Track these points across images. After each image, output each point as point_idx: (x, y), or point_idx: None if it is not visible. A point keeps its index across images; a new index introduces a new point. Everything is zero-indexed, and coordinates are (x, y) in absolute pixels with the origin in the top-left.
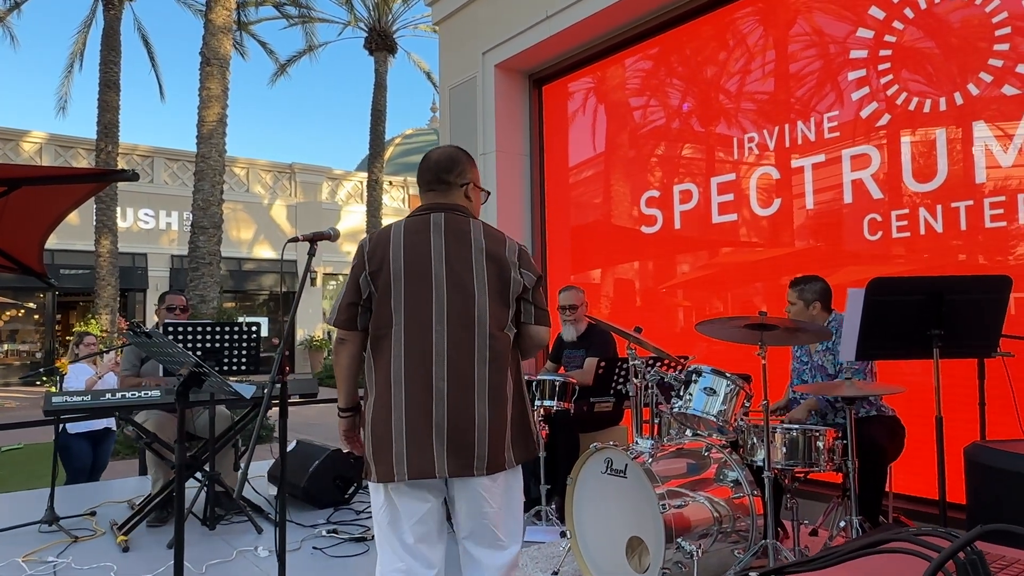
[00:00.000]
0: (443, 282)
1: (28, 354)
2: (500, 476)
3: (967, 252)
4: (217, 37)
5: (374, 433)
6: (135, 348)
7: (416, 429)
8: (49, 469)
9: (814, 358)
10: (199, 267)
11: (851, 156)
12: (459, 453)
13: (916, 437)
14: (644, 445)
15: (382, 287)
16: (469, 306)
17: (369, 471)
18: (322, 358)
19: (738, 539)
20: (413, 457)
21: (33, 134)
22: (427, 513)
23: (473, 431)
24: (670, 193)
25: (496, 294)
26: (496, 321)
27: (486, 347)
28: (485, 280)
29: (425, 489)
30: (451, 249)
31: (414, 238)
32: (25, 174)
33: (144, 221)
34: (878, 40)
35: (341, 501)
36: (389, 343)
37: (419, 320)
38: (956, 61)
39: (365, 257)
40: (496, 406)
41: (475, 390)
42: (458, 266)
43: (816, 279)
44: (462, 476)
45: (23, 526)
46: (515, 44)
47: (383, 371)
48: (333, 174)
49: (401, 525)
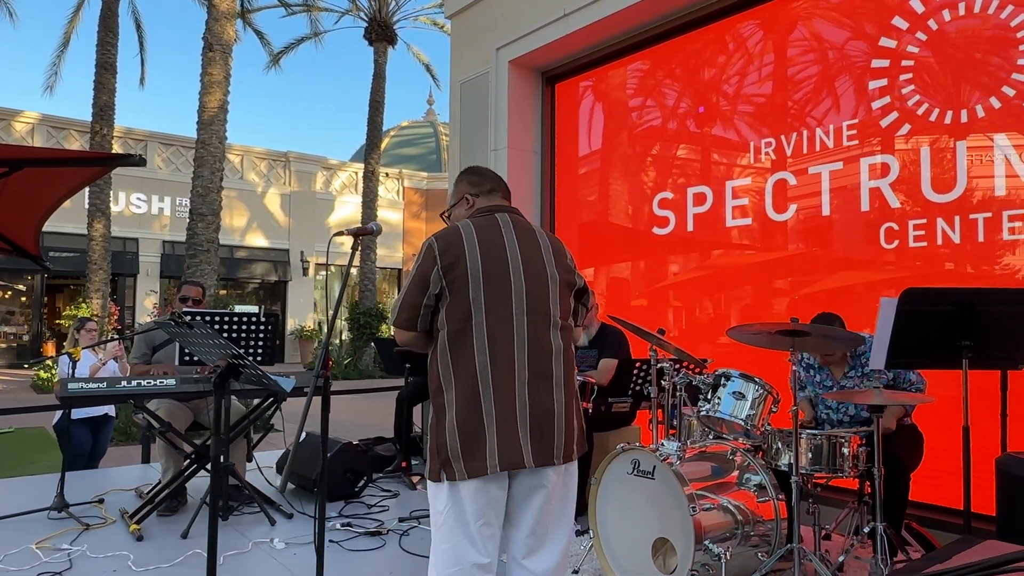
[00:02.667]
0: (520, 276)
1: (15, 336)
2: (562, 471)
3: (985, 264)
4: (220, 23)
5: (462, 429)
6: (146, 337)
7: (504, 420)
8: (41, 453)
9: (841, 382)
10: (197, 254)
11: (869, 164)
12: (543, 441)
13: (932, 447)
14: (671, 447)
15: (458, 282)
16: (544, 299)
17: (450, 469)
18: (312, 349)
19: (759, 542)
20: (503, 449)
21: (25, 114)
22: (496, 511)
23: (553, 420)
24: (684, 195)
25: (565, 288)
26: (565, 312)
27: (559, 338)
28: (556, 275)
29: (498, 484)
30: (524, 245)
31: (487, 235)
32: (28, 155)
33: (136, 206)
34: (900, 50)
35: (351, 494)
36: (470, 336)
37: (499, 313)
38: (978, 73)
39: (437, 253)
40: (569, 395)
41: (552, 380)
42: (532, 260)
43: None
44: (545, 466)
45: (32, 512)
46: (530, 41)
47: (466, 364)
48: (328, 164)
49: (467, 524)
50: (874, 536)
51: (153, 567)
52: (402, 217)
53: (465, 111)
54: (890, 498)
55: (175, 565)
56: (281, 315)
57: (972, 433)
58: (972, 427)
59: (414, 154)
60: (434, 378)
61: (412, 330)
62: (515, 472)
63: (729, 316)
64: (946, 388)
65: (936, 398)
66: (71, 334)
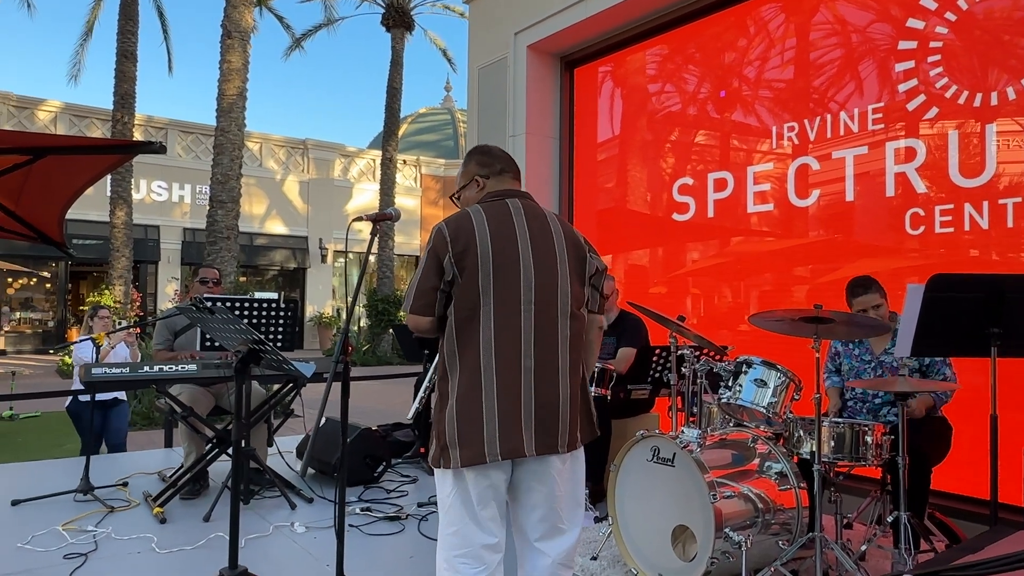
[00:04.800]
0: (530, 263)
1: (41, 323)
2: (568, 458)
3: (1013, 250)
4: (239, 9)
5: (461, 417)
6: (167, 322)
7: (506, 409)
8: (66, 437)
9: (881, 357)
10: (217, 241)
11: (895, 149)
12: (545, 431)
13: (958, 435)
14: (691, 434)
15: (468, 269)
16: (554, 285)
17: (447, 456)
18: (331, 335)
19: (780, 531)
20: (504, 437)
21: (49, 103)
22: (496, 496)
23: (557, 409)
24: (704, 181)
25: (576, 274)
26: (576, 301)
27: (568, 326)
28: (567, 260)
29: (499, 469)
30: (534, 232)
31: (497, 221)
32: (50, 143)
33: (157, 193)
34: (928, 32)
35: (370, 479)
36: (477, 325)
37: (507, 301)
38: (1007, 55)
39: (448, 239)
40: (574, 384)
41: (559, 368)
42: (542, 247)
43: (871, 281)
44: (547, 455)
45: (59, 495)
46: (549, 25)
47: (471, 353)
48: (346, 151)
49: (472, 508)
50: (897, 525)
51: (177, 549)
52: (419, 204)
53: (483, 97)
54: (912, 487)
55: (198, 548)
56: (300, 302)
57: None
58: (999, 416)
59: (431, 141)
60: (440, 364)
61: (429, 315)
62: (519, 460)
63: (749, 303)
64: (973, 376)
65: (962, 386)
66: (85, 321)
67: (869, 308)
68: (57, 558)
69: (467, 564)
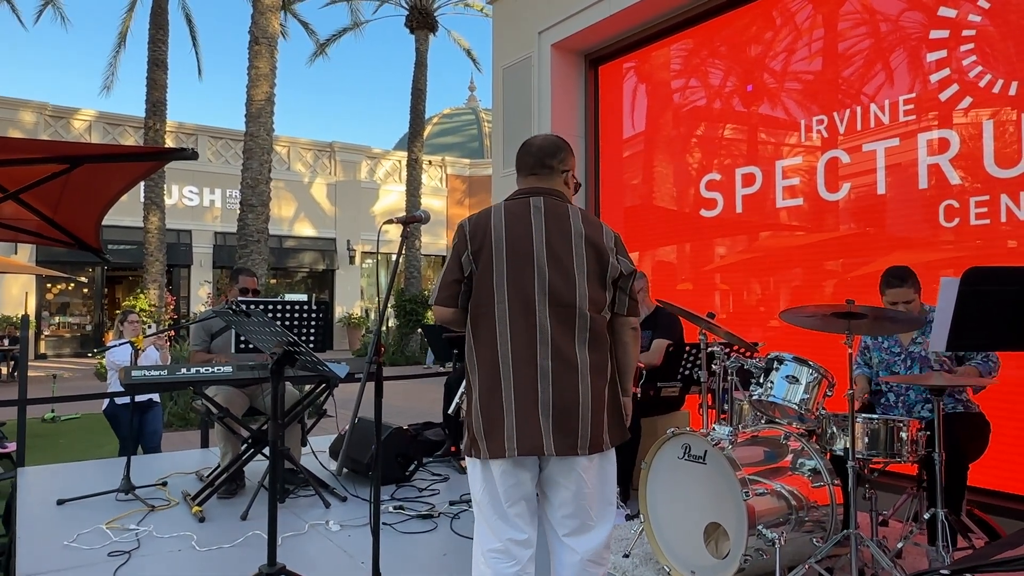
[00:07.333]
0: (544, 263)
1: (79, 327)
2: (596, 457)
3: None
4: (266, 16)
5: (483, 414)
6: (204, 325)
7: (525, 407)
8: (107, 438)
9: (909, 348)
10: (247, 244)
11: (927, 140)
12: (564, 432)
13: (996, 431)
14: (722, 432)
15: (483, 266)
16: (570, 287)
17: (476, 447)
18: (360, 336)
19: (814, 528)
20: (523, 434)
21: (83, 112)
22: (524, 492)
23: (577, 410)
24: (732, 176)
25: (595, 277)
26: (594, 304)
27: (586, 328)
28: (584, 263)
29: (524, 467)
30: (551, 231)
31: (515, 219)
32: (87, 152)
33: (189, 198)
34: (961, 19)
35: (402, 478)
36: (492, 321)
37: (521, 299)
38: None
39: (467, 236)
40: (597, 386)
41: (578, 370)
42: (558, 248)
43: (907, 272)
44: (566, 455)
45: (101, 494)
46: (572, 24)
47: (488, 350)
48: (372, 153)
49: (499, 504)
50: (934, 523)
51: (216, 547)
52: (445, 204)
53: (508, 96)
54: (948, 484)
55: (236, 545)
56: (329, 303)
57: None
58: (1013, 412)
59: (456, 141)
60: (465, 357)
61: (453, 306)
62: (549, 459)
63: (779, 299)
64: (1011, 371)
65: (999, 380)
66: (116, 326)
67: (900, 303)
68: (102, 555)
69: (498, 559)
